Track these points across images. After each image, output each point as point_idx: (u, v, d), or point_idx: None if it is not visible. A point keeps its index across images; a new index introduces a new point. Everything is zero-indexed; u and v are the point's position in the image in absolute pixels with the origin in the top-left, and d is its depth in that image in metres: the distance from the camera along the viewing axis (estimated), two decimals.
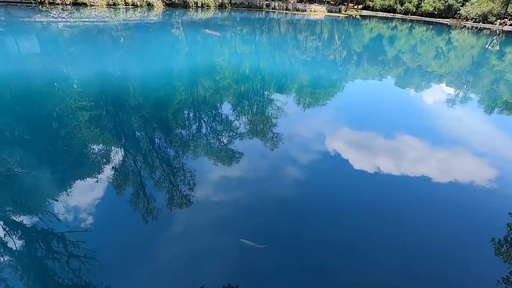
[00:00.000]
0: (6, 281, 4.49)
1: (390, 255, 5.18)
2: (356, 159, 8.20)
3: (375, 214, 6.16)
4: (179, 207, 6.23)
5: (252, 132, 9.72)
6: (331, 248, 5.27)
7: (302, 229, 5.62)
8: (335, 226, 5.79)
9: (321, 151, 8.60)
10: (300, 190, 6.77)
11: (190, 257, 4.98)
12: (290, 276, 4.69)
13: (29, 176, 6.92)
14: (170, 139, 9.08)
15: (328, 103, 12.97)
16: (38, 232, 5.47)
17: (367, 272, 4.84)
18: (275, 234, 5.55)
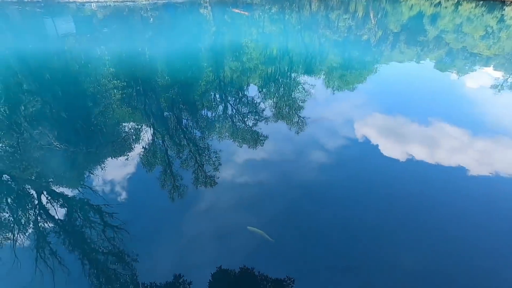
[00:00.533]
0: (50, 245, 5.01)
1: (415, 249, 5.06)
2: (386, 146, 7.91)
3: (403, 204, 5.98)
4: (203, 186, 6.46)
5: (277, 115, 9.66)
6: (353, 235, 5.23)
7: (326, 215, 5.61)
8: (360, 214, 5.71)
9: (348, 136, 8.38)
10: (325, 176, 6.71)
11: (212, 235, 5.20)
12: (307, 261, 4.77)
13: (67, 151, 7.48)
14: (196, 119, 9.29)
15: (358, 87, 12.46)
16: (77, 202, 5.97)
17: (390, 263, 4.77)
18: (297, 218, 5.61)
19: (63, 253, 4.83)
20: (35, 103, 9.76)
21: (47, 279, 4.43)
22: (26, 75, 12.04)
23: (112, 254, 4.97)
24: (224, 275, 4.51)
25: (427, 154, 7.71)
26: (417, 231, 5.36)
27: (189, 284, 4.42)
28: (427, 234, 5.30)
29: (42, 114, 9.17)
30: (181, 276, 4.51)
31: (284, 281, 4.45)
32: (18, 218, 5.63)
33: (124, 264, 4.80)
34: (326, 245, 5.04)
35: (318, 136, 8.38)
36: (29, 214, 5.74)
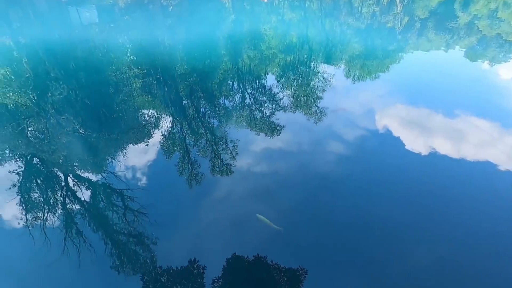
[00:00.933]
0: (76, 225, 5.33)
1: (434, 246, 4.95)
2: (408, 139, 7.67)
3: (423, 199, 5.82)
4: (220, 174, 6.58)
5: (295, 104, 9.57)
6: (370, 229, 5.19)
7: (342, 207, 5.58)
8: (377, 207, 5.62)
9: (368, 128, 8.19)
10: (342, 168, 6.63)
11: (227, 222, 5.32)
12: (320, 252, 4.80)
13: (90, 137, 7.81)
14: (214, 108, 9.38)
15: (381, 77, 12.05)
16: (100, 186, 6.27)
17: (406, 259, 4.72)
18: (312, 209, 5.62)
19: (88, 234, 5.13)
20: (62, 90, 10.19)
21: (73, 257, 4.74)
22: (53, 63, 12.55)
23: (133, 236, 5.22)
24: (237, 261, 4.64)
25: (452, 148, 7.42)
26: (438, 227, 5.23)
27: (203, 269, 4.59)
28: (449, 231, 5.16)
29: (68, 101, 9.57)
30: (196, 260, 4.68)
31: (297, 271, 4.52)
32: (48, 199, 6.01)
33: (144, 246, 5.04)
34: (341, 237, 5.04)
35: (336, 127, 8.25)
36: (57, 196, 6.10)
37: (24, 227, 5.22)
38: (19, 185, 6.22)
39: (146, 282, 4.45)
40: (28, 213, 5.51)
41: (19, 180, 6.34)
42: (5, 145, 7.66)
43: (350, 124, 8.42)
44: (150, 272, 4.61)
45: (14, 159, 7.04)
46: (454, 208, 5.64)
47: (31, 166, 6.86)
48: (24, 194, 5.99)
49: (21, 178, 6.39)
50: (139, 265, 4.79)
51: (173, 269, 4.62)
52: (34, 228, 5.19)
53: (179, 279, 4.50)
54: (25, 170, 6.67)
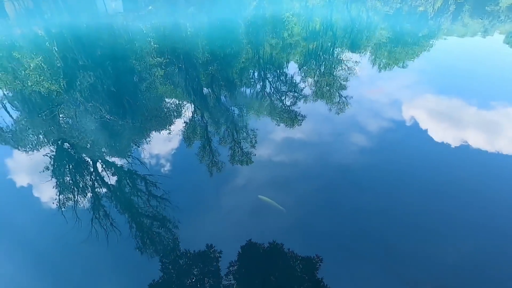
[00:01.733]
0: (104, 208, 5.64)
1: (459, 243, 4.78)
2: (437, 132, 7.34)
3: (452, 195, 5.60)
4: (239, 163, 6.67)
5: (318, 94, 9.40)
6: (392, 223, 5.09)
7: (363, 200, 5.50)
8: (401, 201, 5.48)
9: (394, 118, 7.92)
10: (365, 160, 6.49)
11: (245, 209, 5.42)
12: (339, 241, 4.79)
13: (116, 124, 8.14)
14: (235, 96, 9.43)
15: (409, 65, 11.52)
16: (125, 171, 6.57)
17: (428, 254, 4.60)
18: (332, 200, 5.59)
19: (115, 216, 5.42)
20: (89, 78, 10.63)
21: (101, 237, 5.04)
22: (80, 52, 13.08)
23: (156, 220, 5.46)
24: (252, 247, 4.73)
25: (486, 142, 7.02)
26: (464, 223, 5.04)
27: (219, 253, 4.73)
28: (477, 229, 4.95)
29: (95, 88, 9.98)
30: (212, 246, 4.83)
31: (313, 259, 4.55)
32: (77, 182, 6.39)
33: (166, 230, 5.26)
34: (361, 230, 4.99)
35: (360, 118, 8.05)
36: (86, 179, 6.47)
37: (57, 207, 5.60)
38: (52, 168, 6.64)
39: (167, 263, 4.67)
40: (60, 195, 5.90)
41: (52, 163, 6.77)
42: (39, 130, 8.17)
43: (375, 115, 8.17)
44: (171, 254, 4.83)
45: (47, 143, 7.51)
46: (484, 204, 5.39)
47: (62, 151, 7.29)
48: (56, 177, 6.40)
49: (53, 162, 6.82)
50: (161, 247, 5.02)
51: (192, 252, 4.80)
52: (66, 209, 5.55)
53: (197, 261, 4.68)
54: (56, 154, 7.11)
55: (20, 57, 12.47)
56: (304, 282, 4.35)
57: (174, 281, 4.44)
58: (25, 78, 10.49)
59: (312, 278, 4.36)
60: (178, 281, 4.45)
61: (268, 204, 5.35)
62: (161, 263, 4.68)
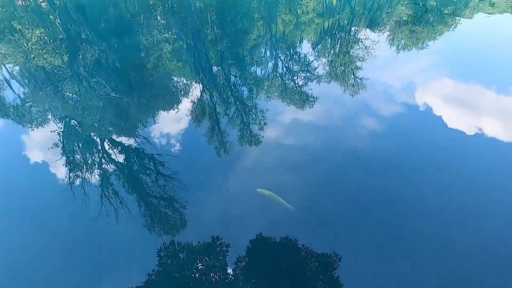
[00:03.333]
0: (112, 186, 5.83)
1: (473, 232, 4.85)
2: (451, 118, 7.24)
3: (465, 184, 5.61)
4: (248, 144, 6.74)
5: (331, 75, 9.28)
6: (402, 210, 5.16)
7: (372, 186, 5.55)
8: (412, 188, 5.52)
9: (409, 103, 7.81)
10: (376, 145, 6.49)
11: (252, 191, 5.52)
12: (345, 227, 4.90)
13: (121, 101, 8.21)
14: (245, 76, 9.36)
15: (430, 46, 11.19)
16: (133, 150, 6.71)
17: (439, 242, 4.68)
18: (340, 185, 5.66)
19: (124, 194, 5.61)
20: (93, 52, 10.62)
21: (111, 215, 5.25)
22: (83, 24, 12.98)
23: (164, 199, 5.64)
24: (258, 231, 4.89)
25: (502, 130, 6.92)
26: (476, 212, 5.08)
27: (227, 231, 4.91)
28: (489, 217, 5.00)
29: (99, 63, 9.99)
30: (221, 224, 5.00)
31: (319, 245, 4.68)
32: (86, 159, 6.57)
33: (173, 209, 5.44)
34: (369, 216, 5.08)
35: (374, 101, 7.97)
36: (94, 157, 6.64)
37: (66, 184, 5.80)
38: (60, 145, 6.82)
39: (176, 242, 4.87)
40: (70, 172, 6.09)
41: (60, 140, 6.94)
42: (45, 106, 8.31)
43: (389, 99, 8.07)
44: (179, 235, 5.01)
45: (53, 120, 7.66)
46: (498, 194, 5.41)
47: (69, 128, 7.45)
48: (64, 154, 6.58)
49: (61, 139, 6.99)
50: (169, 226, 5.22)
51: (202, 231, 4.97)
52: (75, 186, 5.76)
53: (204, 240, 4.85)
54: (64, 132, 7.27)
55: (22, 29, 12.46)
56: (310, 268, 4.52)
57: (181, 261, 4.65)
58: (27, 51, 10.53)
59: (317, 264, 4.52)
60: (186, 260, 4.66)
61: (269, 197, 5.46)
62: (168, 243, 4.88)
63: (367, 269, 4.40)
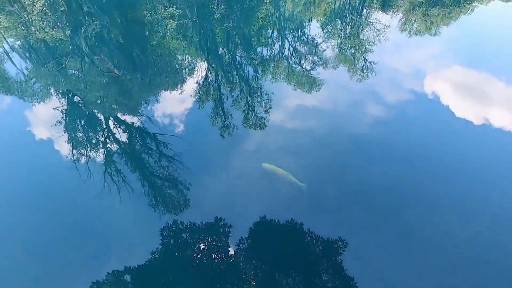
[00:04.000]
0: (115, 164, 5.90)
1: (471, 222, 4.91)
2: (459, 106, 7.15)
3: (469, 174, 5.62)
4: (252, 127, 6.74)
5: (340, 58, 9.11)
6: (402, 199, 5.21)
7: (374, 173, 5.57)
8: (414, 177, 5.53)
9: (416, 90, 7.70)
10: (381, 132, 6.46)
11: (256, 174, 5.59)
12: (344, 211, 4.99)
13: (124, 79, 8.14)
14: (251, 57, 9.21)
15: (444, 31, 10.86)
16: (136, 129, 6.73)
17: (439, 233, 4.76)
18: (341, 171, 5.70)
19: (127, 173, 5.69)
20: (95, 27, 10.41)
21: (113, 192, 5.35)
22: None
23: (167, 180, 5.72)
24: (261, 212, 4.98)
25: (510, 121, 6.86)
26: (478, 205, 5.12)
27: (230, 212, 5.01)
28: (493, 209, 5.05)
29: (101, 39, 9.83)
30: (224, 205, 5.10)
31: (317, 227, 4.78)
32: (89, 137, 6.62)
33: (177, 191, 5.53)
34: (368, 202, 5.14)
35: (381, 87, 7.86)
36: (97, 135, 6.68)
37: (70, 161, 5.88)
38: (64, 122, 6.84)
39: (179, 222, 4.98)
40: (73, 149, 6.15)
41: (63, 117, 6.95)
42: (48, 81, 8.27)
43: (397, 85, 7.96)
44: (182, 214, 5.12)
45: (57, 96, 7.64)
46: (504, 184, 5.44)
47: (72, 105, 7.44)
48: (67, 131, 6.61)
49: (64, 116, 7.00)
50: (172, 207, 5.32)
51: (205, 212, 5.08)
52: (80, 164, 5.83)
53: (207, 220, 4.96)
54: (67, 109, 7.27)
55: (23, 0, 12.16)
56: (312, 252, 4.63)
57: (184, 241, 4.78)
58: (28, 23, 10.34)
59: (320, 248, 4.63)
60: (189, 240, 4.78)
61: (274, 171, 5.52)
62: (171, 223, 4.99)
63: (368, 255, 4.51)
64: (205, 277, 4.34)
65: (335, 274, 4.37)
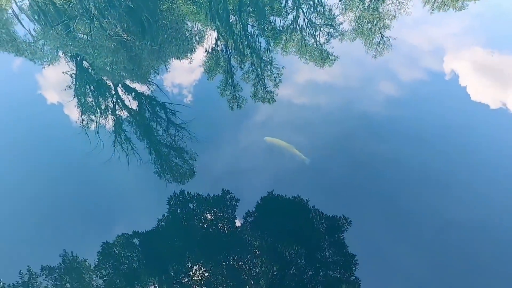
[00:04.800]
0: (125, 132, 6.01)
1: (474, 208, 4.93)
2: (476, 89, 6.89)
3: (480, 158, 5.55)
4: (261, 101, 6.71)
5: (356, 31, 8.76)
6: (409, 179, 5.23)
7: (382, 152, 5.55)
8: (422, 159, 5.48)
9: (433, 70, 7.43)
10: (390, 111, 6.34)
11: (262, 147, 5.66)
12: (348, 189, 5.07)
13: (133, 44, 8.04)
14: (263, 27, 8.93)
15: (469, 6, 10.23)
16: (145, 96, 6.77)
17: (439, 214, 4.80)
18: (349, 148, 5.72)
19: (135, 141, 5.81)
20: None
21: (122, 159, 5.50)
22: None
23: (174, 149, 5.84)
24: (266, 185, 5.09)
25: None
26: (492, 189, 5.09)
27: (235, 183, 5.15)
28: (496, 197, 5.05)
29: (110, 1, 9.58)
30: (232, 177, 5.22)
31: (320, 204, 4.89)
32: (99, 104, 6.70)
33: (183, 160, 5.66)
34: (373, 182, 5.19)
35: (397, 64, 7.64)
36: (107, 101, 6.76)
37: (80, 127, 6.01)
38: (73, 87, 6.90)
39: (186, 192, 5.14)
40: (83, 115, 6.26)
41: (72, 82, 7.00)
42: (56, 44, 8.23)
43: (413, 63, 7.71)
44: (188, 185, 5.27)
45: (65, 60, 7.64)
46: None
47: (82, 70, 7.46)
48: (76, 96, 6.70)
49: (74, 81, 7.05)
50: (178, 175, 5.47)
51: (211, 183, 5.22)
52: (90, 130, 5.95)
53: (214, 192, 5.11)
54: (76, 73, 7.29)
55: None
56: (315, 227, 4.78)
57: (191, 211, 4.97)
58: None
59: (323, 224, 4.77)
60: (195, 211, 4.97)
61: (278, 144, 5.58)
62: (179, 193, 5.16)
63: (371, 233, 4.63)
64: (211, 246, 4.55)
65: (334, 249, 4.54)
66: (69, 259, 4.28)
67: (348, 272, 4.34)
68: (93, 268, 4.23)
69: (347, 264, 4.38)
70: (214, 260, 4.39)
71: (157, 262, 4.40)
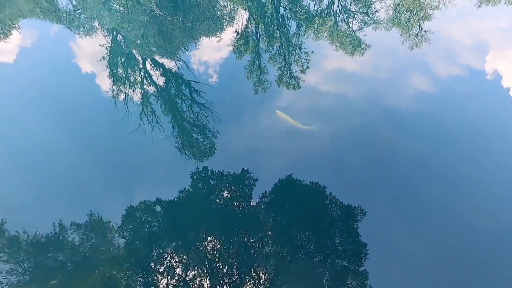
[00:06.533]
0: (151, 105, 6.33)
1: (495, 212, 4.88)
2: None
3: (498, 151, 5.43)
4: (286, 86, 6.80)
5: (393, 20, 8.48)
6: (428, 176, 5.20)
7: (402, 148, 5.55)
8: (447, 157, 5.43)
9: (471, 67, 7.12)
10: (418, 106, 6.22)
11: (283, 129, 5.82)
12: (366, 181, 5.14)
13: (165, 20, 8.24)
14: (296, 10, 8.85)
15: None
16: (172, 73, 7.03)
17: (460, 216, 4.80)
18: (369, 140, 5.75)
19: (160, 114, 6.12)
20: None
21: (147, 130, 5.83)
22: None
23: (196, 126, 6.11)
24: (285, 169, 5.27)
25: None
26: None
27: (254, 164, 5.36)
28: None
29: None
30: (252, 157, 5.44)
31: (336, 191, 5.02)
32: (128, 76, 7.03)
33: (205, 137, 5.92)
34: (393, 177, 5.23)
35: (433, 58, 7.39)
36: (136, 75, 7.07)
37: (110, 96, 6.38)
38: (107, 58, 7.25)
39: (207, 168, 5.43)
40: (113, 85, 6.62)
41: (107, 54, 7.36)
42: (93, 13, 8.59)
43: (451, 58, 7.43)
44: (207, 162, 5.54)
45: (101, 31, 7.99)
46: None
47: (115, 42, 7.79)
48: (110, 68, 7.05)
49: (108, 52, 7.40)
50: (198, 152, 5.76)
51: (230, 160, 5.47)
52: (119, 101, 6.31)
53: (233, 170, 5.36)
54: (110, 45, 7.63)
55: None
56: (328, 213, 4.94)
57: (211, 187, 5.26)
58: None
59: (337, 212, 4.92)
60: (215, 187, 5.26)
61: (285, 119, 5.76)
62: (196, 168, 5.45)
63: (384, 227, 4.74)
64: (226, 221, 4.85)
65: (346, 238, 4.71)
66: (95, 219, 4.71)
67: (357, 262, 4.49)
68: (116, 228, 4.65)
69: (357, 254, 4.53)
70: (228, 235, 4.69)
71: (175, 229, 4.76)
